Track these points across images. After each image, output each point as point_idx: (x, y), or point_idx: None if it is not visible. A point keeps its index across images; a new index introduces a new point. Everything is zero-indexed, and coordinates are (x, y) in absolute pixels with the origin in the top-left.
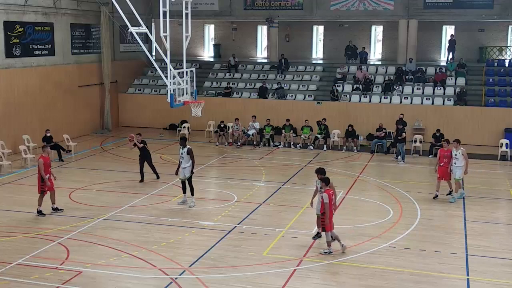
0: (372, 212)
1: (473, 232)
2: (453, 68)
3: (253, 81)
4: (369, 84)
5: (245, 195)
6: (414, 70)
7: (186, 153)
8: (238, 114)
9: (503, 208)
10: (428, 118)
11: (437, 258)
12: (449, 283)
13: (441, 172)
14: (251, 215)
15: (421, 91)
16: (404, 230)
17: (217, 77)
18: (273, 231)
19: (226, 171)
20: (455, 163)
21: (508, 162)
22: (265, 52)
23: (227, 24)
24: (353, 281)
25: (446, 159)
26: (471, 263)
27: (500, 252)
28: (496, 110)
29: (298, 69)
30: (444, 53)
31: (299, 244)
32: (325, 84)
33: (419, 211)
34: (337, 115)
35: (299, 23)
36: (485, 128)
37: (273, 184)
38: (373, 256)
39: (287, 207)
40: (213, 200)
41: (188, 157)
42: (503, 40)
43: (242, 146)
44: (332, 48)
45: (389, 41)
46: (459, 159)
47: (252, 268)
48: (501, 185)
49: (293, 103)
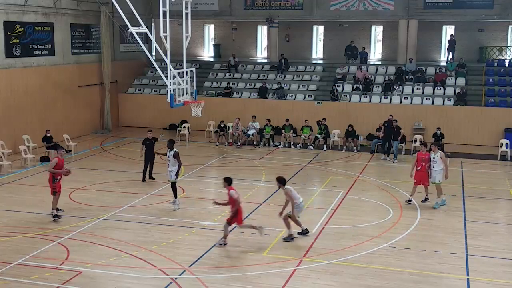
0: (372, 212)
1: (473, 232)
2: (453, 68)
3: (253, 81)
4: (369, 84)
5: (245, 195)
6: (414, 70)
7: (172, 156)
8: (238, 114)
9: (503, 208)
10: (428, 118)
11: (437, 258)
12: (449, 283)
13: (418, 176)
14: (251, 215)
15: (421, 91)
16: (404, 230)
17: (217, 77)
18: (273, 231)
19: (226, 171)
20: (434, 167)
21: (508, 162)
22: (265, 52)
23: (227, 24)
24: (353, 281)
25: (423, 163)
26: (471, 263)
27: (500, 252)
28: (496, 110)
29: (298, 69)
30: (444, 53)
31: (299, 244)
32: (325, 84)
33: (419, 211)
34: (337, 115)
35: (299, 23)
36: (485, 128)
37: (273, 184)
38: (373, 256)
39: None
40: (213, 200)
41: (175, 160)
42: (503, 40)
43: (242, 146)
44: (332, 48)
45: (389, 41)
46: (437, 162)
47: (252, 268)
48: (501, 185)
49: (293, 103)
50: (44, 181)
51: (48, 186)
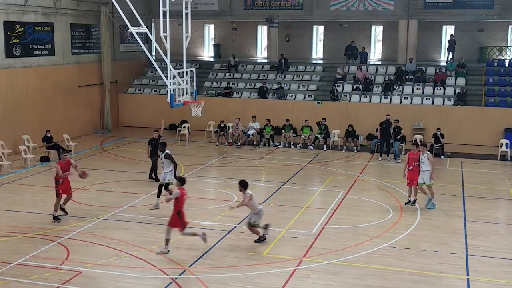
0: (372, 212)
1: (473, 232)
2: (453, 68)
3: (253, 81)
4: (369, 84)
5: None
6: (414, 70)
7: (164, 158)
8: (238, 114)
9: (503, 208)
10: (428, 118)
11: (437, 258)
12: (449, 283)
13: (410, 176)
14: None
15: (421, 91)
16: (404, 230)
17: (217, 77)
18: (273, 231)
19: (226, 171)
20: (422, 168)
21: (508, 162)
22: (265, 52)
23: (227, 24)
24: (353, 281)
25: (415, 162)
26: (471, 263)
27: (500, 252)
28: (496, 110)
29: (298, 69)
30: (444, 53)
31: (299, 244)
32: (325, 84)
33: (419, 211)
34: (337, 115)
35: (299, 23)
36: (485, 128)
37: (273, 184)
38: (373, 256)
39: (287, 207)
40: (213, 200)
41: (168, 161)
42: (503, 40)
43: (242, 146)
44: (332, 48)
45: (389, 41)
46: (425, 163)
47: (252, 268)
48: (501, 185)
49: (293, 103)
50: (43, 181)
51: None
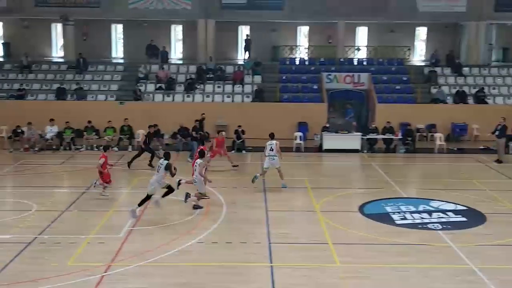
0: (182, 209)
1: (274, 221)
2: (249, 66)
3: (50, 82)
4: (172, 83)
5: (45, 203)
6: (214, 69)
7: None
8: (35, 118)
9: (299, 196)
10: (230, 115)
11: (243, 249)
12: (256, 271)
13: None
14: (54, 223)
15: (221, 89)
16: (211, 224)
17: (8, 78)
18: (78, 238)
19: (23, 179)
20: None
21: (302, 153)
22: (61, 52)
23: (18, 21)
24: (163, 280)
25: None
26: (274, 251)
27: (298, 238)
28: (290, 105)
29: (98, 69)
30: (241, 52)
31: (106, 250)
32: (127, 84)
33: (224, 205)
34: (141, 115)
35: (96, 21)
36: (281, 122)
37: (76, 189)
38: (183, 254)
39: (92, 212)
40: (9, 211)
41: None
42: (294, 40)
43: (41, 151)
44: (133, 47)
45: (190, 40)
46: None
47: (56, 279)
48: (297, 175)
49: (94, 104)
50: None
51: None
